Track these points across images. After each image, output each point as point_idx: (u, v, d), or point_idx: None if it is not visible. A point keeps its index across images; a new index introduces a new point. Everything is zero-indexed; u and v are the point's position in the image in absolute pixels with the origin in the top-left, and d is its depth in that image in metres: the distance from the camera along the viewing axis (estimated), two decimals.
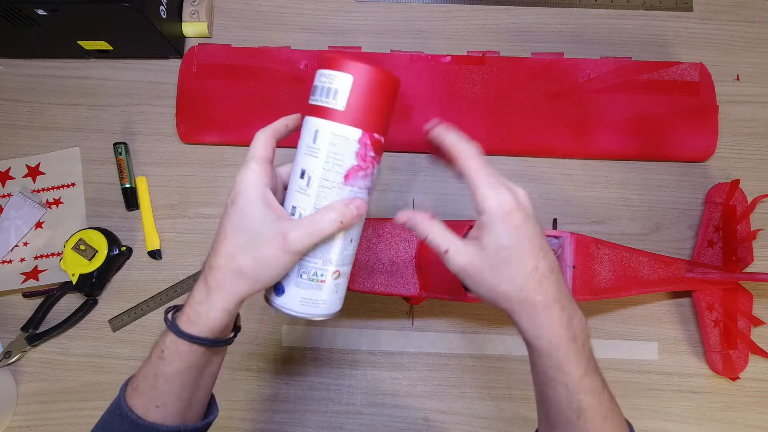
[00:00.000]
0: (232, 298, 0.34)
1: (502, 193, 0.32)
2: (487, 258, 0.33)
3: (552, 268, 0.33)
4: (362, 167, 0.35)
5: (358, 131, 0.35)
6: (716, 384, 0.62)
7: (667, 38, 0.69)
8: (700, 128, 0.65)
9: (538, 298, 0.33)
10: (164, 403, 0.35)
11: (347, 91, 0.34)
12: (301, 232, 0.33)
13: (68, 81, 0.69)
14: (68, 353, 0.64)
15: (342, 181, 0.35)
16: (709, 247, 0.63)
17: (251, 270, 0.33)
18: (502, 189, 0.33)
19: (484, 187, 0.33)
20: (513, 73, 0.66)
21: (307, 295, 0.36)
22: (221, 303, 0.34)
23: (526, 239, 0.32)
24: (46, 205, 0.66)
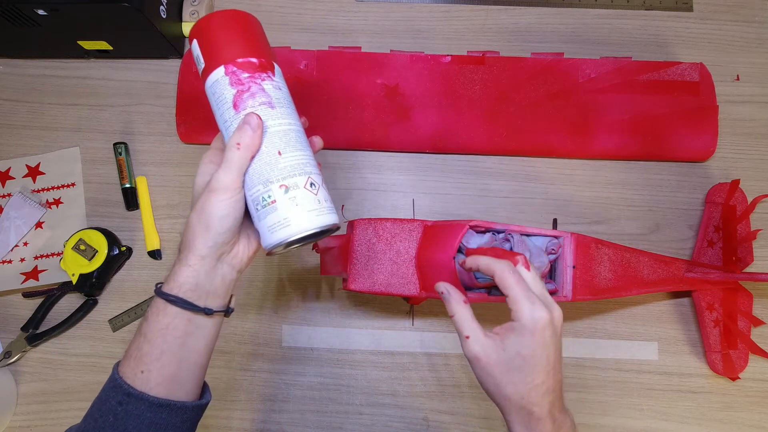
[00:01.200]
0: (194, 253, 0.36)
1: (539, 309, 0.36)
2: (502, 358, 0.35)
3: (557, 385, 0.36)
4: (242, 90, 0.37)
5: (220, 69, 0.37)
6: (716, 384, 0.62)
7: (667, 38, 0.69)
8: (700, 128, 0.65)
9: (535, 409, 0.36)
10: (148, 369, 0.36)
11: (199, 51, 0.38)
12: (218, 173, 0.35)
13: (68, 81, 0.69)
14: (68, 353, 0.64)
15: (234, 112, 0.37)
16: (709, 247, 0.63)
17: (200, 224, 0.36)
18: (539, 305, 0.36)
19: (523, 299, 0.36)
20: (513, 73, 0.66)
21: (270, 221, 0.36)
22: (186, 261, 0.36)
23: (545, 356, 0.36)
24: (46, 205, 0.66)
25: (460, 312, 0.37)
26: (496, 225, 0.51)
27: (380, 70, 0.66)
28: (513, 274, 0.37)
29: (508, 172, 0.66)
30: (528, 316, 0.35)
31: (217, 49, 0.37)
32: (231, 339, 0.63)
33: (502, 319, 0.63)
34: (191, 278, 0.36)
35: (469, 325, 0.37)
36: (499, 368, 0.36)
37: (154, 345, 0.36)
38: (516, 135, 0.65)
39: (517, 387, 0.36)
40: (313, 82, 0.66)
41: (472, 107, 0.66)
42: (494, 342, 0.36)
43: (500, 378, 0.36)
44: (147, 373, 0.36)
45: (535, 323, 0.35)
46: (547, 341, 0.36)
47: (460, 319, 0.37)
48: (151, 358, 0.36)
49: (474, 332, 0.36)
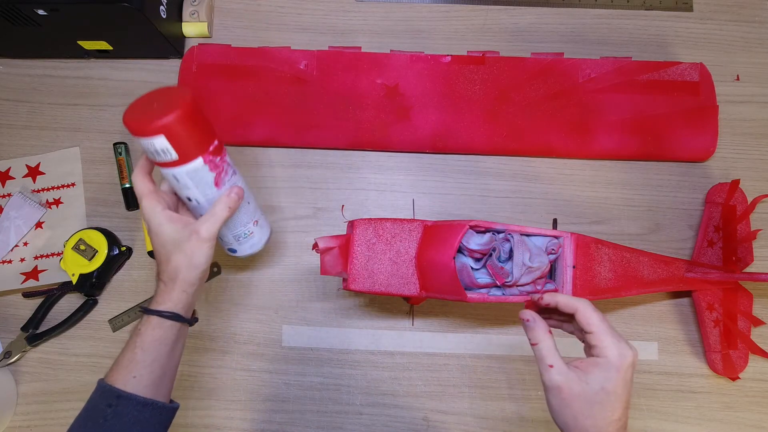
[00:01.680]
0: (184, 283, 0.45)
1: (624, 347, 0.37)
2: (585, 391, 0.36)
3: (626, 423, 0.38)
4: (219, 171, 0.45)
5: (199, 159, 0.43)
6: (716, 384, 0.62)
7: (667, 38, 0.69)
8: (700, 128, 0.65)
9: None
10: (140, 374, 0.43)
11: (169, 145, 0.41)
12: (206, 226, 0.45)
13: (68, 81, 0.69)
14: (68, 353, 0.64)
15: (215, 189, 0.46)
16: (709, 247, 0.63)
17: (186, 262, 0.45)
18: (624, 343, 0.37)
19: (609, 336, 0.37)
20: (513, 73, 0.66)
21: (248, 244, 0.53)
22: (179, 288, 0.45)
23: (626, 394, 0.37)
24: (46, 205, 0.66)
25: (545, 341, 0.38)
26: (496, 225, 0.51)
27: (380, 70, 0.66)
28: (596, 312, 0.39)
29: (508, 172, 0.66)
30: (616, 353, 0.37)
31: (191, 144, 0.42)
32: (231, 339, 0.63)
33: (502, 319, 0.63)
34: (184, 299, 0.45)
35: (554, 354, 0.38)
36: (580, 401, 0.37)
37: (147, 353, 0.43)
38: (516, 135, 0.65)
39: (596, 421, 0.36)
40: (313, 82, 0.66)
41: (472, 107, 0.66)
42: (577, 375, 0.37)
43: (580, 411, 0.37)
44: (138, 377, 0.43)
45: (622, 360, 0.37)
46: (629, 378, 0.37)
47: (543, 348, 0.38)
48: (144, 365, 0.43)
49: (558, 362, 0.37)
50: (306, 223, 0.65)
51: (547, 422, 0.61)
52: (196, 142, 0.43)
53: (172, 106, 0.40)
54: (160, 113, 0.40)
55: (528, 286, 0.52)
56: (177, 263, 0.44)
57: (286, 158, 0.67)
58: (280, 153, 0.67)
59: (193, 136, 0.42)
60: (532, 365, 0.62)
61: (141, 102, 0.43)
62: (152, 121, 0.39)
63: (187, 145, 0.42)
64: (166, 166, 0.43)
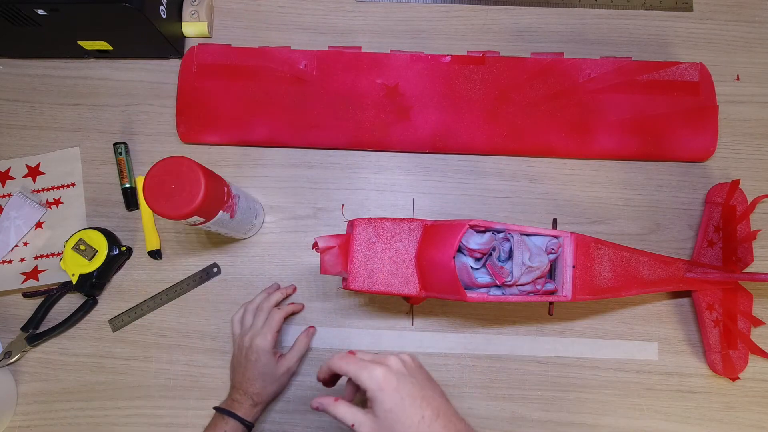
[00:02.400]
0: (266, 404, 0.58)
1: (372, 369, 0.40)
2: (381, 424, 0.39)
3: (437, 411, 0.40)
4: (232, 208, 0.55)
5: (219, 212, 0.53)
6: (716, 384, 0.62)
7: (667, 38, 0.69)
8: (700, 128, 0.65)
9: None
10: None
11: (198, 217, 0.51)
12: (294, 361, 0.60)
13: (68, 81, 0.69)
14: (68, 353, 0.64)
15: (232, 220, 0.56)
16: (709, 247, 0.63)
17: (279, 390, 0.60)
18: (371, 366, 0.40)
19: (358, 373, 0.40)
20: (513, 73, 0.66)
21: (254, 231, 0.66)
22: (261, 407, 0.57)
23: (407, 397, 0.39)
24: (46, 205, 0.67)
25: (338, 409, 0.41)
26: (496, 225, 0.51)
27: (380, 70, 0.67)
28: (342, 360, 0.42)
29: (508, 172, 0.66)
30: (368, 380, 0.40)
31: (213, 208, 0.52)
32: (231, 339, 0.63)
33: (502, 319, 0.63)
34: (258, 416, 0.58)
35: (350, 413, 0.40)
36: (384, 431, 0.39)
37: None
38: (516, 135, 0.65)
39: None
40: (313, 82, 0.66)
41: (472, 107, 0.66)
42: (371, 416, 0.40)
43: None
44: None
45: (377, 382, 0.39)
46: (397, 386, 0.39)
47: (342, 414, 0.40)
48: None
49: (356, 416, 0.40)
50: (306, 222, 0.66)
51: (546, 422, 0.61)
52: (216, 205, 0.52)
53: (194, 188, 0.49)
54: (188, 199, 0.48)
55: (528, 286, 0.52)
56: (273, 391, 0.58)
57: (286, 158, 0.67)
58: (280, 153, 0.67)
59: (213, 203, 0.51)
60: (533, 365, 0.62)
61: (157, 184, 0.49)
62: (183, 208, 0.48)
63: (210, 210, 0.51)
64: (196, 225, 0.53)
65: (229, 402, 0.56)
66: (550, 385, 0.62)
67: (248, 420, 0.55)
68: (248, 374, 0.56)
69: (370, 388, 0.40)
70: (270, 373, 0.57)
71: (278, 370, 0.57)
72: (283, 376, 0.58)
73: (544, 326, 0.63)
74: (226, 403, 0.57)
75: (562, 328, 0.63)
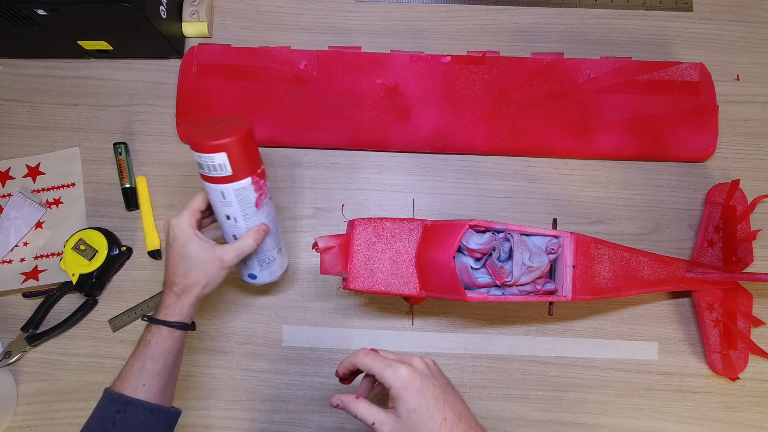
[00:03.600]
0: (194, 297, 0.49)
1: (397, 368, 0.40)
2: (404, 424, 0.39)
3: (459, 415, 0.40)
4: (261, 193, 0.49)
5: (248, 179, 0.48)
6: (716, 384, 0.62)
7: (667, 38, 0.69)
8: (700, 128, 0.65)
9: None
10: (149, 382, 0.46)
11: (227, 161, 0.45)
12: (231, 254, 0.49)
13: (68, 81, 0.69)
14: (68, 353, 0.64)
15: (255, 209, 0.50)
16: (709, 247, 0.63)
17: (203, 280, 0.48)
18: (397, 365, 0.40)
19: (383, 370, 0.40)
20: (513, 73, 0.67)
21: (269, 270, 0.56)
22: (188, 301, 0.49)
23: (430, 398, 0.40)
24: (46, 205, 0.67)
25: (359, 407, 0.41)
26: (496, 225, 0.51)
27: (380, 70, 0.67)
28: (367, 356, 0.42)
29: (508, 172, 0.67)
30: (393, 378, 0.40)
31: (245, 163, 0.47)
32: (231, 339, 0.63)
33: (502, 319, 0.63)
34: (192, 312, 0.49)
35: (371, 412, 0.40)
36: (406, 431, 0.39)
37: (157, 362, 0.47)
38: (516, 135, 0.66)
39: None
40: (313, 82, 0.67)
41: (472, 107, 0.66)
42: (393, 415, 0.40)
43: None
44: (148, 386, 0.46)
45: (402, 381, 0.39)
46: (421, 387, 0.40)
47: (362, 413, 0.40)
48: (153, 374, 0.46)
49: (377, 417, 0.40)
50: (306, 222, 0.66)
51: (546, 422, 0.61)
52: (249, 163, 0.47)
53: (234, 130, 0.46)
54: (224, 134, 0.45)
55: (528, 286, 0.53)
56: (195, 279, 0.48)
57: (286, 158, 0.68)
58: (280, 153, 0.68)
59: (248, 157, 0.47)
60: (532, 365, 0.63)
61: (202, 123, 0.48)
62: (217, 138, 0.45)
63: (242, 164, 0.46)
64: (216, 182, 0.47)
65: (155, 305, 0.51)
66: (550, 385, 0.62)
67: (173, 319, 0.48)
68: (169, 262, 0.49)
69: (395, 387, 0.39)
70: (192, 256, 0.48)
71: (204, 253, 0.48)
72: (211, 263, 0.48)
73: (544, 326, 0.64)
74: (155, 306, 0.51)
75: (562, 328, 0.64)
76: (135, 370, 0.46)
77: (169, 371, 0.48)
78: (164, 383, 0.47)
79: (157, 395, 0.47)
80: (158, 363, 0.47)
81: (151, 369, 0.46)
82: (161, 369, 0.47)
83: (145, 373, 0.46)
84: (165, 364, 0.47)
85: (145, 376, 0.46)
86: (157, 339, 0.47)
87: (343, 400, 0.42)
